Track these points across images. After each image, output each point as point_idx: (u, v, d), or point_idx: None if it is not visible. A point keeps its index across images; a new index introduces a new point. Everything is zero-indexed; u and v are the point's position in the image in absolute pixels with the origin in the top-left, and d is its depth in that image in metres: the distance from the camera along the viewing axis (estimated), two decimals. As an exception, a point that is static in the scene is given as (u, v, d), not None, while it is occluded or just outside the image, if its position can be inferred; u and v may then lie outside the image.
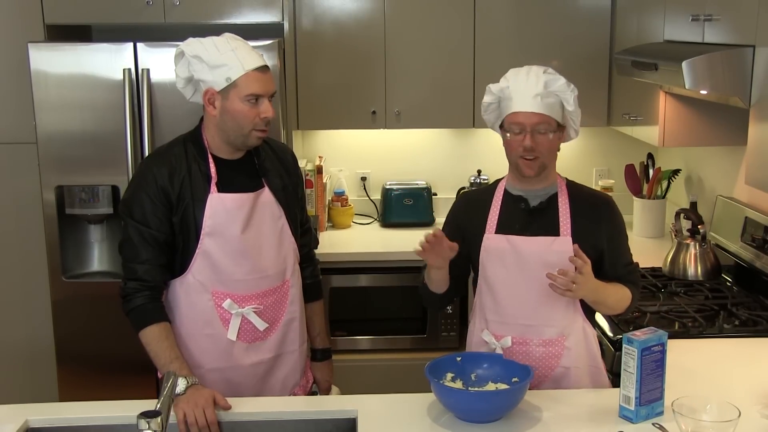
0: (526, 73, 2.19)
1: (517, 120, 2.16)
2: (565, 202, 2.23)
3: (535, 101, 2.14)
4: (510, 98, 2.19)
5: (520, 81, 2.18)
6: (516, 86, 2.18)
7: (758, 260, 2.90)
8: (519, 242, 2.21)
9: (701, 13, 2.52)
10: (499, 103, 2.24)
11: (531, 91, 2.15)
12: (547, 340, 2.20)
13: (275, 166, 2.33)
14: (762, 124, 2.24)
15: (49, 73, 3.21)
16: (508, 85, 2.20)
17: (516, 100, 2.17)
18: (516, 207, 2.26)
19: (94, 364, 3.35)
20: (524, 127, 2.15)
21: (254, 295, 2.25)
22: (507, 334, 2.22)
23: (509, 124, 2.19)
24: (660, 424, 1.94)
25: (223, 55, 2.13)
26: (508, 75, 2.23)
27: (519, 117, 2.16)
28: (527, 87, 2.16)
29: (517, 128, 2.17)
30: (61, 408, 2.18)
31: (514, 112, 2.17)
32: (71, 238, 3.39)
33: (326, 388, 2.51)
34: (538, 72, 2.18)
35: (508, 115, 2.19)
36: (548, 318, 2.20)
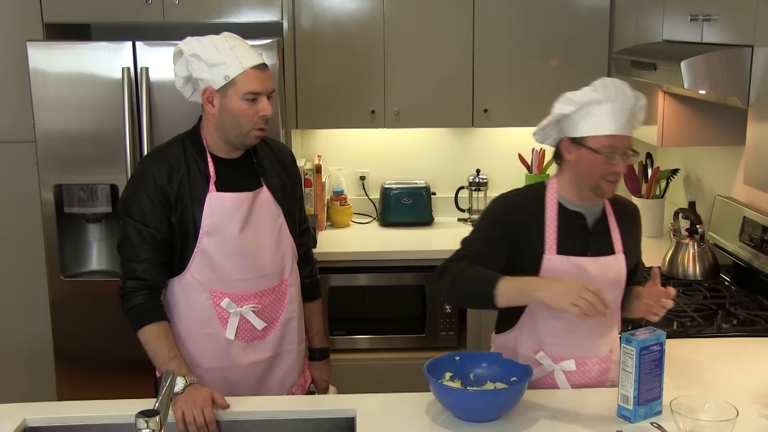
0: (620, 90, 2.05)
1: (610, 143, 2.02)
2: (612, 217, 2.18)
3: (629, 123, 2.05)
4: (602, 117, 2.03)
5: (618, 99, 2.03)
6: (610, 107, 2.03)
7: (756, 260, 2.90)
8: (584, 264, 2.11)
9: (700, 12, 2.52)
10: (572, 117, 2.08)
11: (625, 112, 2.04)
12: (602, 357, 2.17)
13: (274, 166, 2.33)
14: (760, 123, 2.24)
15: (48, 72, 3.21)
16: (598, 100, 2.04)
17: (611, 121, 2.03)
18: (574, 224, 2.14)
19: (93, 363, 3.35)
20: (617, 150, 2.03)
21: (252, 295, 2.25)
22: (568, 356, 2.15)
23: (600, 146, 2.03)
24: (658, 424, 1.94)
25: (221, 54, 2.13)
26: (597, 88, 2.06)
27: (614, 140, 2.02)
28: (622, 107, 2.04)
29: (608, 150, 2.03)
30: (59, 407, 2.18)
31: (610, 134, 2.02)
32: (70, 237, 3.38)
33: (324, 388, 2.52)
34: (626, 89, 2.06)
35: (597, 136, 2.03)
36: (605, 336, 2.17)
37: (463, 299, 2.17)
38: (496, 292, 1.98)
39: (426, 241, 3.74)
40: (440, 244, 3.69)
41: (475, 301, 2.12)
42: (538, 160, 3.97)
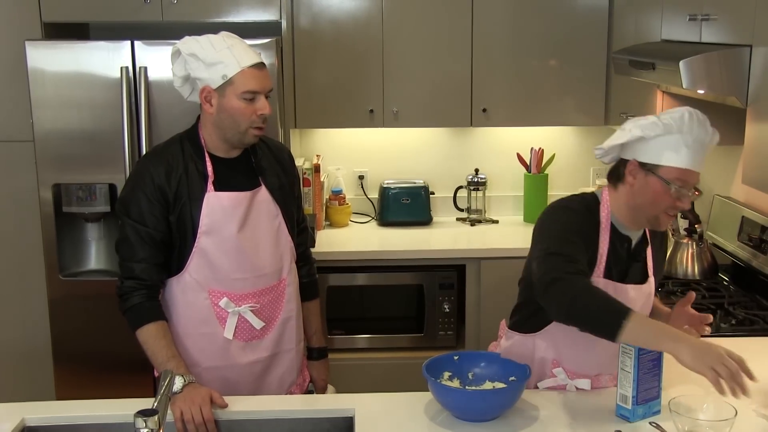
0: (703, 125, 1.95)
1: (684, 177, 1.94)
2: (649, 240, 2.15)
3: (703, 160, 1.97)
4: (680, 147, 1.94)
5: (701, 134, 1.94)
6: (695, 138, 1.94)
7: (755, 259, 2.90)
8: (625, 291, 2.06)
9: (698, 12, 2.52)
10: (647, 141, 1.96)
11: (703, 147, 1.95)
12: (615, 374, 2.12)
13: (272, 165, 2.32)
14: (759, 123, 2.24)
15: (47, 71, 3.21)
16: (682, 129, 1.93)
17: (691, 154, 1.94)
18: (621, 248, 2.08)
19: (91, 362, 3.35)
20: (687, 185, 1.95)
21: (251, 294, 2.25)
22: (584, 372, 2.12)
23: (673, 177, 1.94)
24: (657, 423, 1.94)
25: (219, 53, 2.13)
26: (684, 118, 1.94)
27: (688, 175, 1.94)
28: (702, 143, 1.94)
29: (679, 183, 1.94)
30: (57, 407, 2.18)
31: (689, 169, 1.94)
32: (68, 237, 3.38)
33: (322, 387, 2.51)
34: (706, 124, 1.96)
35: (672, 167, 1.94)
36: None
37: (580, 321, 1.90)
38: (624, 326, 1.80)
39: (425, 240, 3.74)
40: (439, 244, 3.70)
41: (592, 327, 1.88)
42: (537, 159, 3.97)
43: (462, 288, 3.60)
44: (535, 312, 2.11)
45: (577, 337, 2.03)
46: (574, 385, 2.13)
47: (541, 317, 2.09)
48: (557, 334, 2.10)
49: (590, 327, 1.88)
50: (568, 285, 1.89)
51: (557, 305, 1.91)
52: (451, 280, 3.58)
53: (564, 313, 1.91)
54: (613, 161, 2.08)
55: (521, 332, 2.19)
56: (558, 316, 1.93)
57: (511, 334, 2.22)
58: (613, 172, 2.08)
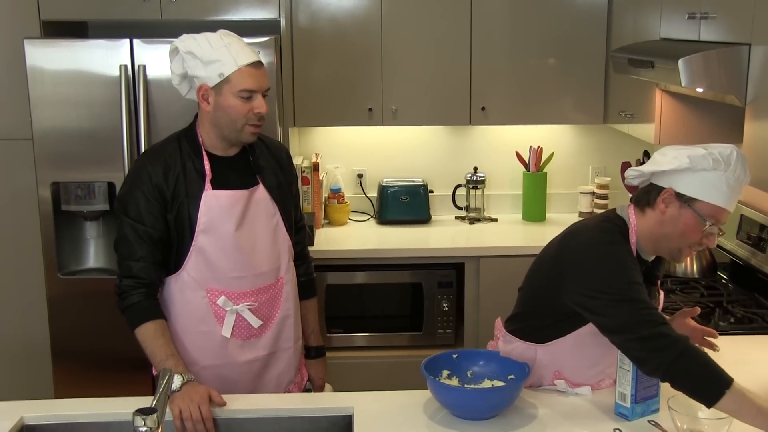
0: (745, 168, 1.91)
1: (719, 215, 1.92)
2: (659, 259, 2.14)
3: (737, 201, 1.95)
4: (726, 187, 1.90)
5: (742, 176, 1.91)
6: (737, 179, 1.91)
7: (754, 258, 2.90)
8: None
9: (697, 11, 2.52)
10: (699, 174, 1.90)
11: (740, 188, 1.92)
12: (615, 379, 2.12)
13: (270, 164, 2.32)
14: (757, 122, 2.24)
15: (45, 70, 3.21)
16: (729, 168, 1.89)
17: (731, 194, 1.91)
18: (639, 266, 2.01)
19: (90, 361, 3.35)
20: (719, 223, 1.93)
21: (249, 293, 2.25)
22: (586, 382, 2.12)
23: (709, 214, 1.91)
24: (656, 422, 1.94)
25: (216, 51, 2.13)
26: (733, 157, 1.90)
27: (722, 214, 1.92)
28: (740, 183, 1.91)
29: (713, 221, 1.92)
30: (56, 405, 2.18)
31: (725, 209, 1.92)
32: (67, 235, 3.38)
33: (320, 386, 2.51)
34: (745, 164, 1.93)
35: (714, 206, 1.90)
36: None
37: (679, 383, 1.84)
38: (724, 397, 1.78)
39: (423, 239, 3.74)
40: (438, 242, 3.70)
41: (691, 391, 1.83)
42: (536, 158, 3.97)
43: (461, 286, 3.60)
44: (543, 326, 2.08)
45: (582, 352, 2.05)
46: (574, 393, 2.11)
47: (548, 332, 2.07)
48: (564, 350, 2.07)
49: (689, 390, 1.83)
50: (669, 344, 1.84)
51: (657, 364, 1.85)
52: (450, 278, 3.58)
53: (662, 372, 1.85)
54: (642, 185, 2.03)
55: (523, 340, 2.15)
56: (655, 374, 1.88)
57: (511, 338, 2.19)
58: (642, 197, 2.01)
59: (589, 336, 2.02)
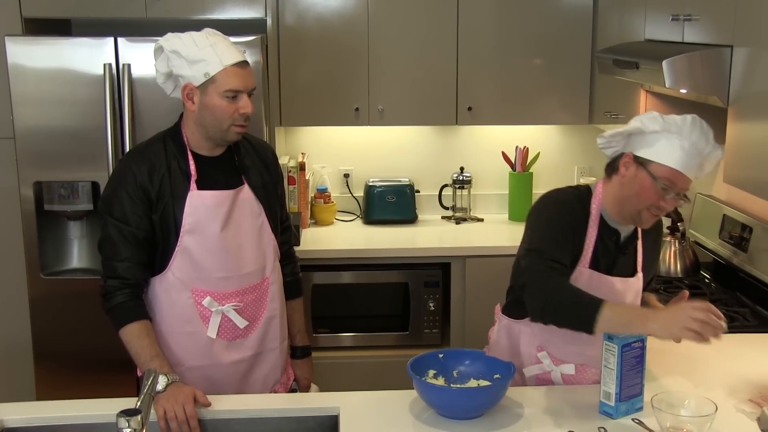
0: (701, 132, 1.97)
1: (672, 177, 1.97)
2: (640, 236, 2.17)
3: (697, 168, 1.99)
4: (676, 149, 1.96)
5: (694, 139, 1.96)
6: (689, 143, 1.96)
7: (736, 257, 2.92)
8: (611, 283, 2.11)
9: (681, 13, 2.53)
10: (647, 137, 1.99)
11: (699, 155, 1.97)
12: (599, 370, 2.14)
13: (255, 164, 2.32)
14: (739, 123, 2.26)
15: (27, 68, 3.18)
16: (682, 132, 1.96)
17: (682, 158, 1.96)
18: (609, 241, 2.11)
19: (73, 362, 3.32)
20: (674, 187, 1.98)
21: (234, 293, 2.24)
22: (570, 361, 2.16)
23: (661, 175, 1.97)
24: (639, 420, 1.95)
25: (201, 51, 2.12)
26: (685, 120, 1.98)
27: (676, 176, 1.97)
28: (698, 150, 1.96)
29: (667, 183, 1.97)
30: (38, 407, 2.16)
31: (679, 171, 1.96)
32: (50, 235, 3.36)
33: (306, 386, 2.51)
34: (709, 135, 1.98)
35: (663, 165, 1.97)
36: None
37: (557, 321, 1.97)
38: (598, 319, 1.87)
39: (410, 238, 3.74)
40: (424, 242, 3.70)
41: (569, 324, 1.95)
42: (522, 158, 3.98)
43: (447, 286, 3.60)
44: (519, 300, 2.13)
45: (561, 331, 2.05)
46: (559, 371, 2.15)
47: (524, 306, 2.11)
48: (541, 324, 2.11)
49: (567, 325, 1.95)
50: (541, 286, 1.96)
51: (532, 309, 1.99)
52: (436, 278, 3.58)
53: (539, 316, 1.99)
54: (615, 154, 2.11)
55: (511, 317, 2.24)
56: (534, 318, 2.00)
57: (502, 317, 2.27)
58: (610, 164, 2.11)
59: None
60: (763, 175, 2.13)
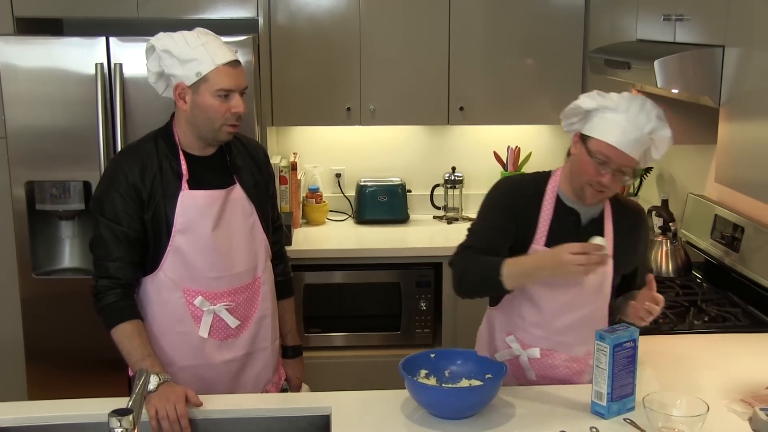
0: (639, 108, 2.01)
1: (607, 153, 2.01)
2: (609, 219, 2.18)
3: (635, 144, 2.01)
4: (611, 125, 2.01)
5: (631, 115, 2.00)
6: (625, 118, 2.00)
7: (727, 257, 2.93)
8: None
9: (673, 13, 2.54)
10: (591, 115, 2.06)
11: (636, 132, 2.00)
12: (574, 356, 2.19)
13: (247, 163, 2.31)
14: (731, 123, 2.26)
15: (19, 67, 3.17)
16: (616, 108, 2.02)
17: (616, 133, 2.00)
18: (567, 220, 2.15)
19: (64, 362, 3.31)
20: (611, 162, 2.01)
21: (226, 293, 2.24)
22: (536, 345, 2.18)
23: (596, 151, 2.02)
24: (631, 420, 1.95)
25: (193, 50, 2.12)
26: (623, 97, 2.04)
27: (611, 151, 2.00)
28: (634, 126, 2.00)
29: (601, 158, 2.02)
30: (30, 407, 2.15)
31: (610, 144, 2.01)
32: (41, 235, 3.35)
33: (297, 386, 2.51)
34: (651, 113, 2.02)
35: (599, 141, 2.02)
36: (579, 336, 2.17)
37: (474, 291, 2.14)
38: (502, 278, 2.01)
39: (401, 238, 3.75)
40: (416, 242, 3.70)
41: (485, 290, 2.12)
42: (514, 157, 3.98)
43: (439, 286, 3.61)
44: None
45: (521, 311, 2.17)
46: (526, 356, 2.18)
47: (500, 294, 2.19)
48: (512, 306, 2.20)
49: (484, 292, 2.13)
50: (455, 267, 2.13)
51: (455, 289, 2.14)
52: (428, 278, 3.59)
53: (460, 291, 2.14)
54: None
55: (491, 306, 2.31)
56: (462, 296, 2.14)
57: (488, 309, 2.33)
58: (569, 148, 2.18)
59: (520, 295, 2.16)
60: (754, 175, 2.14)
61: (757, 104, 2.11)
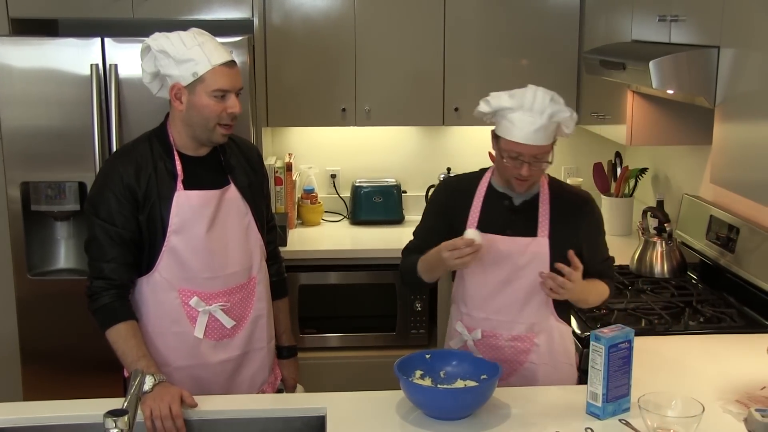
0: (531, 100, 2.12)
1: (516, 149, 2.12)
2: (545, 202, 2.25)
3: (537, 134, 2.11)
4: (512, 123, 2.12)
5: (525, 110, 2.11)
6: (521, 115, 2.11)
7: (722, 258, 2.94)
8: (497, 241, 2.22)
9: (668, 13, 2.54)
10: (495, 115, 2.18)
11: (535, 123, 2.10)
12: (516, 335, 2.24)
13: (241, 163, 2.31)
14: (726, 123, 2.27)
15: (14, 68, 3.17)
16: (511, 107, 2.13)
17: (517, 130, 2.11)
18: (499, 204, 2.26)
19: (60, 362, 3.31)
20: (523, 156, 2.12)
21: (221, 293, 2.24)
22: (478, 327, 2.26)
23: (507, 149, 2.14)
24: (626, 420, 1.96)
25: (189, 50, 2.12)
26: (515, 95, 2.15)
27: (519, 147, 2.12)
28: (532, 119, 2.10)
29: (514, 154, 2.13)
30: (25, 407, 2.15)
31: (516, 141, 2.12)
32: (37, 235, 3.34)
33: (292, 386, 2.51)
34: (544, 101, 2.12)
35: (506, 140, 2.14)
36: (518, 315, 2.24)
37: (411, 285, 2.33)
38: (419, 274, 2.23)
39: (397, 239, 3.74)
40: (411, 243, 3.70)
41: (416, 284, 2.29)
42: (509, 158, 3.98)
43: (434, 287, 3.60)
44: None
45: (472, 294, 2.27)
46: (471, 339, 2.26)
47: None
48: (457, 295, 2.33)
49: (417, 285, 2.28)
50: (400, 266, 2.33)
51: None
52: (424, 278, 3.58)
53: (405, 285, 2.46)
54: None
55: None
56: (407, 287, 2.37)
57: None
58: None
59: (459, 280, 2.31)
60: (749, 175, 2.15)
61: (752, 105, 2.12)
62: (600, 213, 2.36)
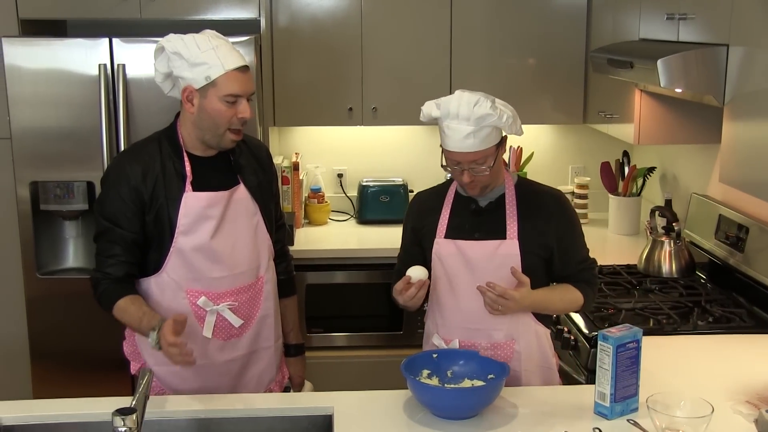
0: (456, 108, 2.08)
1: (453, 158, 2.13)
2: (512, 203, 2.22)
3: (467, 141, 2.09)
4: (443, 132, 2.13)
5: (452, 118, 2.09)
6: (449, 123, 2.10)
7: (732, 257, 2.93)
8: (466, 247, 2.20)
9: (676, 11, 2.54)
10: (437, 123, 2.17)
11: (463, 130, 2.08)
12: (495, 343, 2.21)
13: (250, 163, 2.32)
14: (735, 122, 2.26)
15: (24, 68, 3.18)
16: (440, 116, 2.12)
17: (448, 139, 2.12)
18: (466, 209, 2.25)
19: (69, 361, 3.32)
20: (462, 164, 2.13)
21: (229, 292, 2.24)
22: (455, 338, 2.23)
23: (446, 157, 2.15)
24: (635, 421, 1.95)
25: (203, 54, 2.11)
26: (441, 103, 2.13)
27: (455, 155, 2.12)
28: (460, 127, 2.08)
29: (453, 163, 2.15)
30: (35, 405, 2.16)
31: (449, 150, 2.13)
32: (46, 235, 3.35)
33: (299, 384, 2.51)
34: (469, 107, 2.07)
35: (446, 150, 2.14)
36: (495, 322, 2.19)
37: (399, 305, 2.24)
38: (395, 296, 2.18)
39: (404, 238, 3.74)
40: (419, 242, 3.70)
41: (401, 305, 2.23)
42: (516, 158, 3.98)
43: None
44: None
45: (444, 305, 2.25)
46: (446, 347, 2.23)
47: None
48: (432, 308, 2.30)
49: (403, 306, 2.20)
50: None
51: None
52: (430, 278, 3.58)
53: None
54: None
55: None
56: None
57: None
58: None
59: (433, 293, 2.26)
60: (759, 174, 2.14)
61: (762, 103, 2.11)
62: (573, 212, 2.29)
